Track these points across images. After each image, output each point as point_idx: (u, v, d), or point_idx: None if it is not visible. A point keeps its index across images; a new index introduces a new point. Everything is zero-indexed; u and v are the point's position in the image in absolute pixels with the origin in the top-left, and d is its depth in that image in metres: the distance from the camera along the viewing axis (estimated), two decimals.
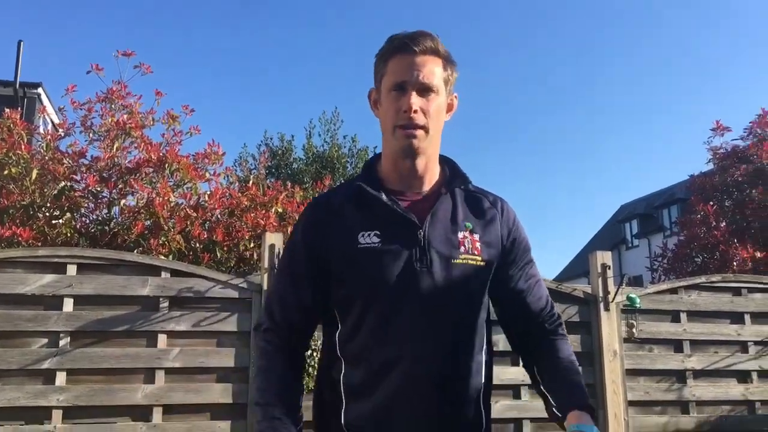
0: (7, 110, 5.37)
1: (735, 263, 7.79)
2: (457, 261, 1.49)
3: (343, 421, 1.48)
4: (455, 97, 1.61)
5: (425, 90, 1.49)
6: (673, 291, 4.56)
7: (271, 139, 18.99)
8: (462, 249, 1.50)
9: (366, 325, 1.48)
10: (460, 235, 1.52)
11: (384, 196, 1.52)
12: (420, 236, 1.49)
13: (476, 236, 1.54)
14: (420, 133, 1.49)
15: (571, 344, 1.65)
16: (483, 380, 1.54)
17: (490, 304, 1.61)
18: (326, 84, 46.06)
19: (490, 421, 1.56)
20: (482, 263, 1.52)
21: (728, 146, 9.67)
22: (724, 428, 4.33)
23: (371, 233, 1.49)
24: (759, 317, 4.56)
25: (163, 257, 4.45)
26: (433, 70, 1.51)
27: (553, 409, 1.50)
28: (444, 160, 1.63)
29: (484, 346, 1.56)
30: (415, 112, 1.47)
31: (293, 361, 1.56)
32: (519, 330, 1.64)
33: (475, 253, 1.51)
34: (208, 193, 5.38)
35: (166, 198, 4.96)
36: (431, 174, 1.58)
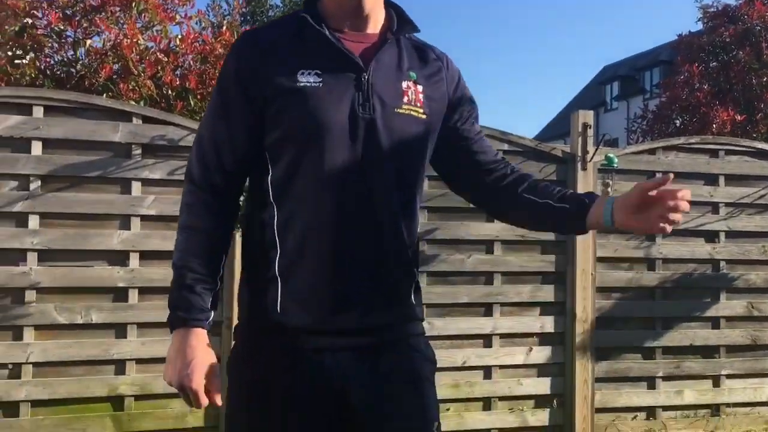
0: None
1: (715, 126, 7.79)
2: (400, 111, 1.43)
3: (277, 266, 1.42)
4: None
5: None
6: (651, 152, 4.56)
7: None
8: (405, 99, 1.44)
9: (302, 170, 1.40)
10: (404, 84, 1.45)
11: (328, 32, 1.41)
12: (364, 80, 1.40)
13: (420, 88, 1.47)
14: None
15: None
16: (413, 234, 1.52)
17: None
18: None
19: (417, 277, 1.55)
20: (424, 116, 1.46)
21: (719, 5, 9.40)
22: (685, 284, 4.50)
23: (312, 72, 1.39)
24: (733, 179, 4.61)
25: (133, 103, 4.30)
26: None
27: (572, 213, 1.48)
28: (389, 4, 1.52)
29: (417, 201, 1.52)
30: None
31: (222, 218, 1.47)
32: (475, 182, 1.61)
33: (418, 105, 1.46)
34: (179, 37, 5.12)
35: (134, 40, 4.71)
36: (376, 15, 1.47)
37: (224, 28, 5.83)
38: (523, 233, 4.14)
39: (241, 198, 1.58)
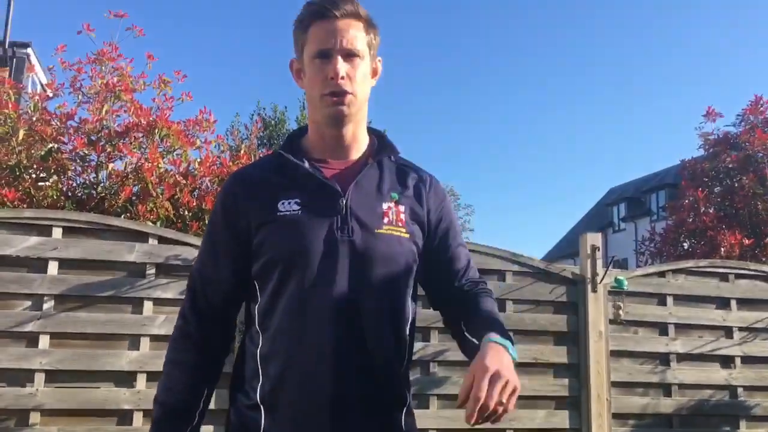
0: None
1: (723, 249, 7.83)
2: (381, 231, 1.45)
3: (258, 395, 1.44)
4: (379, 61, 1.57)
5: (350, 55, 1.46)
6: (661, 274, 4.57)
7: (264, 109, 18.87)
8: (386, 219, 1.47)
9: (284, 296, 1.43)
10: (385, 205, 1.48)
11: (306, 164, 1.48)
12: (342, 204, 1.44)
13: (402, 208, 1.50)
14: (348, 98, 1.46)
15: (495, 302, 1.61)
16: (404, 359, 1.50)
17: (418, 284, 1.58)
18: None
19: (409, 395, 1.54)
20: (406, 235, 1.48)
21: (720, 133, 9.67)
22: (703, 412, 4.38)
23: (292, 201, 1.45)
24: (744, 303, 4.58)
25: (150, 224, 4.41)
26: (356, 35, 1.47)
27: (473, 343, 1.43)
28: (372, 131, 1.60)
29: (408, 324, 1.51)
30: (342, 78, 1.44)
31: (207, 352, 1.54)
32: (443, 299, 1.61)
33: (400, 224, 1.48)
34: (199, 160, 5.32)
35: (155, 164, 4.90)
36: (358, 143, 1.54)
37: (242, 151, 6.08)
38: (536, 356, 4.09)
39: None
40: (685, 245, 9.06)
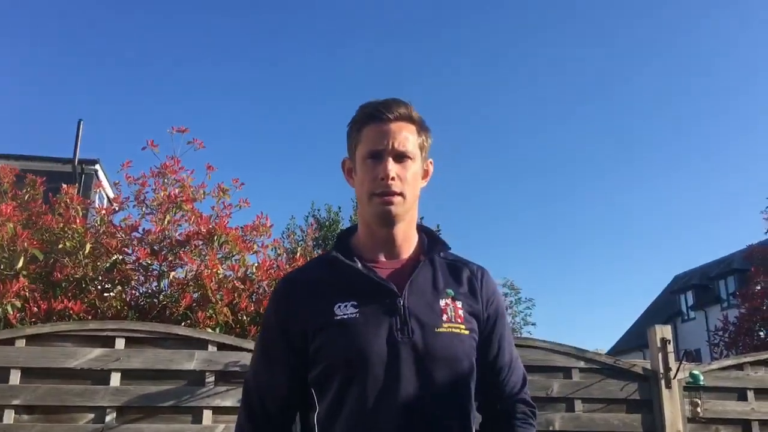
0: (64, 186, 5.55)
1: None
2: (441, 330, 1.42)
3: None
4: (430, 162, 1.58)
5: (401, 157, 1.47)
6: (739, 367, 4.32)
7: (318, 210, 19.23)
8: (445, 317, 1.44)
9: (347, 404, 1.38)
10: (442, 302, 1.46)
11: (359, 264, 1.47)
12: (399, 305, 1.41)
13: (459, 303, 1.47)
14: (397, 199, 1.46)
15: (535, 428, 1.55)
16: None
17: None
18: None
19: None
20: (466, 332, 1.45)
21: None
22: None
23: (348, 304, 1.42)
24: None
25: (210, 330, 4.44)
26: (407, 137, 1.49)
27: None
28: (421, 229, 1.59)
29: (472, 420, 1.46)
30: (392, 179, 1.45)
31: None
32: (488, 407, 1.55)
33: (459, 321, 1.45)
34: (256, 265, 5.40)
35: (214, 270, 4.99)
36: (409, 242, 1.54)
37: (298, 254, 6.15)
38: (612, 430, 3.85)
39: None
40: (761, 334, 8.61)
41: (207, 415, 3.59)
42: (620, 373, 4.12)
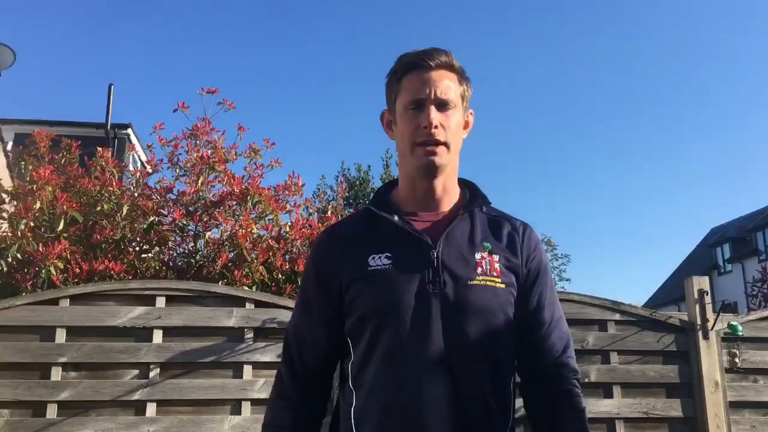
0: (99, 149, 5.62)
1: None
2: (474, 282, 1.40)
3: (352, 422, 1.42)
4: (471, 114, 1.54)
5: (443, 105, 1.44)
6: None
7: (348, 170, 19.25)
8: (479, 270, 1.41)
9: (377, 352, 1.40)
10: (478, 255, 1.43)
11: (395, 217, 1.46)
12: (433, 257, 1.41)
13: (495, 257, 1.44)
14: (441, 149, 1.44)
15: (584, 402, 1.51)
16: (508, 416, 1.43)
17: None
18: None
19: None
20: (502, 285, 1.42)
21: None
22: None
23: (382, 255, 1.42)
24: None
25: (246, 288, 4.51)
26: (449, 85, 1.46)
27: None
28: (463, 183, 1.56)
29: (507, 375, 1.44)
30: (436, 127, 1.42)
31: (302, 415, 1.53)
32: (529, 366, 1.50)
33: (494, 274, 1.42)
34: (289, 224, 5.44)
35: (248, 230, 5.04)
36: (449, 195, 1.51)
37: (329, 212, 6.18)
38: (647, 410, 3.86)
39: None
40: None
41: (247, 370, 3.68)
42: (656, 325, 4.09)
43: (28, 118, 13.22)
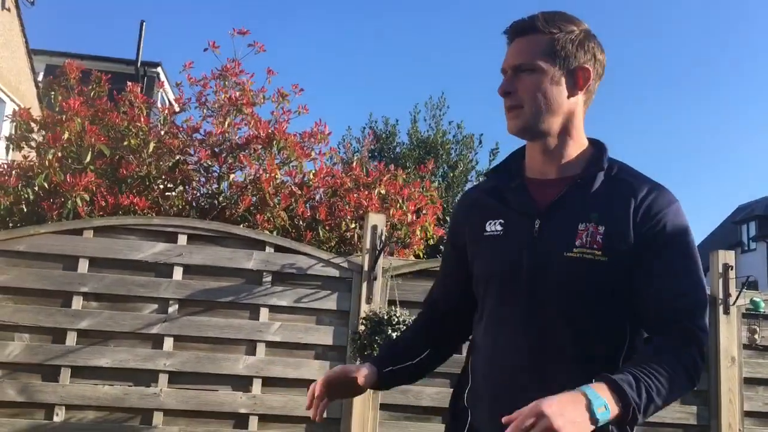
0: (129, 84, 5.61)
1: None
2: (570, 255, 1.37)
3: (465, 400, 1.55)
4: (582, 69, 1.43)
5: (516, 70, 1.44)
6: None
7: (376, 122, 19.06)
8: (578, 242, 1.37)
9: (485, 313, 1.51)
10: (581, 226, 1.38)
11: (515, 182, 1.50)
12: (536, 226, 1.42)
13: (601, 228, 1.37)
14: (512, 113, 1.45)
15: (685, 356, 1.30)
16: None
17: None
18: (433, 69, 45.88)
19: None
20: (602, 258, 1.35)
21: None
22: None
23: (497, 222, 1.49)
24: None
25: (267, 232, 4.53)
26: (522, 49, 1.44)
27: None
28: (594, 143, 1.51)
29: (598, 351, 1.36)
30: (505, 94, 1.45)
31: (422, 334, 1.69)
32: (640, 321, 1.41)
33: (595, 246, 1.36)
34: (313, 172, 5.42)
35: (272, 175, 5.03)
36: (566, 159, 1.46)
37: (354, 163, 6.15)
38: None
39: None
40: None
41: (264, 312, 3.71)
42: None
43: (60, 50, 13.24)
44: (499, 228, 1.48)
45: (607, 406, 1.15)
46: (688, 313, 1.34)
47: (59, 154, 4.81)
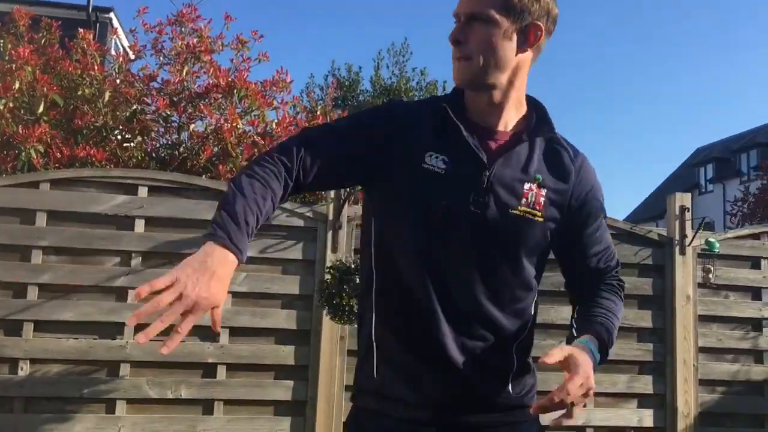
0: (81, 30, 5.41)
1: None
2: (515, 212, 1.41)
3: (373, 336, 1.47)
4: (534, 26, 1.42)
5: (470, 19, 1.40)
6: (755, 236, 4.34)
7: (339, 69, 18.84)
8: (524, 201, 1.42)
9: (407, 250, 1.42)
10: (527, 186, 1.43)
11: (463, 126, 1.43)
12: (484, 177, 1.40)
13: (543, 191, 1.44)
14: (460, 64, 1.41)
15: (622, 302, 1.60)
16: (520, 333, 1.48)
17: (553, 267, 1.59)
18: (396, 13, 45.16)
19: (522, 366, 1.51)
20: (541, 219, 1.43)
21: None
22: None
23: (440, 157, 1.41)
24: None
25: None
26: None
27: (572, 335, 1.49)
28: (532, 102, 1.51)
29: (527, 300, 1.49)
30: (455, 43, 1.40)
31: (280, 184, 1.35)
32: (573, 278, 1.61)
33: (537, 207, 1.43)
34: (276, 121, 5.34)
35: (234, 124, 4.95)
36: (509, 113, 1.47)
37: (318, 112, 6.07)
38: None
39: None
40: None
41: None
42: (635, 239, 4.15)
43: None
44: (442, 165, 1.40)
45: (597, 360, 1.40)
46: (616, 266, 1.61)
47: (10, 105, 4.65)
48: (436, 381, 1.42)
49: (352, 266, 3.39)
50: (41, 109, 4.62)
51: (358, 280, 3.31)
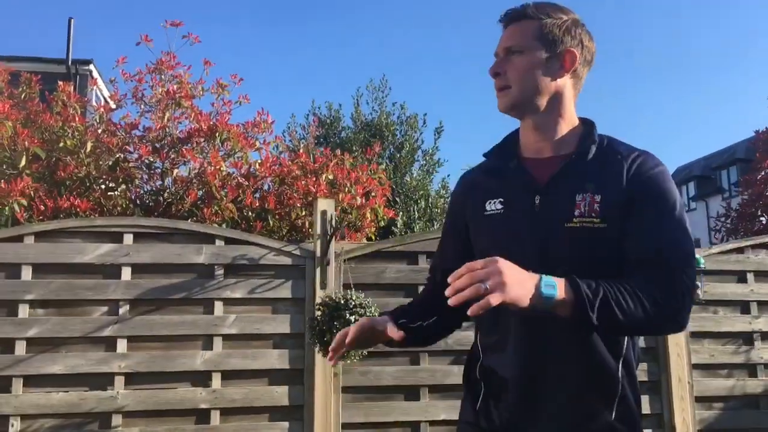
0: (60, 83, 5.44)
1: None
2: (571, 225, 1.43)
3: (477, 372, 1.59)
4: (569, 51, 1.52)
5: (508, 53, 1.54)
6: (740, 251, 4.37)
7: (319, 108, 18.91)
8: (577, 212, 1.44)
9: None
10: (579, 197, 1.46)
11: (511, 163, 1.56)
12: (537, 201, 1.48)
13: (597, 197, 1.45)
14: (501, 93, 1.54)
15: (650, 287, 1.35)
16: (617, 358, 1.46)
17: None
18: (374, 52, 45.75)
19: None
20: (601, 225, 1.42)
21: None
22: None
23: (497, 200, 1.56)
24: None
25: (216, 225, 4.48)
26: (513, 33, 1.54)
27: None
28: (583, 122, 1.60)
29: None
30: (495, 75, 1.54)
31: (430, 300, 1.70)
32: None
33: (593, 215, 1.43)
34: (259, 161, 5.37)
35: (217, 167, 4.97)
36: (557, 136, 1.55)
37: (300, 150, 6.11)
38: None
39: None
40: (763, 220, 8.66)
41: (218, 306, 3.68)
42: None
43: None
44: (499, 206, 1.54)
45: (555, 287, 1.26)
46: (665, 256, 1.40)
47: None
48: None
49: (342, 302, 3.38)
50: (23, 162, 4.62)
51: (348, 316, 3.30)
